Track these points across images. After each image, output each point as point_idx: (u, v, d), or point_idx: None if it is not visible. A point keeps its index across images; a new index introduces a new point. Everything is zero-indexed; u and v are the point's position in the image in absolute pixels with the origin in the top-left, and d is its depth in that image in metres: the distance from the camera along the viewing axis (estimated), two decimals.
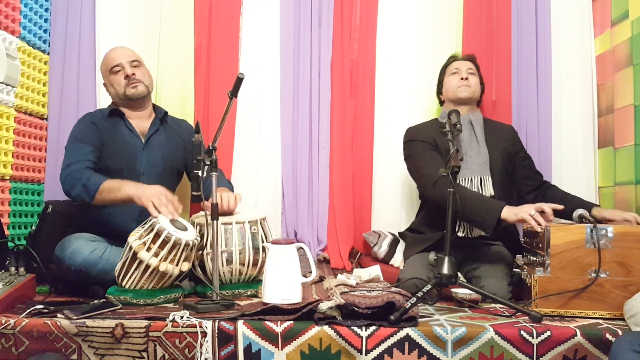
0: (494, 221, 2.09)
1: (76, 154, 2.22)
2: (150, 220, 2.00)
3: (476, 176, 2.36)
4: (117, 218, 2.25)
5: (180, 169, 2.50)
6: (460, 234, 2.31)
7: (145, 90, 2.38)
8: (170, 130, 2.48)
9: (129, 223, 2.16)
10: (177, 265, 1.98)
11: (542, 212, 2.02)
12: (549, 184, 2.50)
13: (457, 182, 1.99)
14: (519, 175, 2.48)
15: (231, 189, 2.52)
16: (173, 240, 1.94)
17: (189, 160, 2.37)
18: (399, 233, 2.67)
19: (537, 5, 2.80)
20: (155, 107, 2.49)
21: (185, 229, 2.03)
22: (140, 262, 1.93)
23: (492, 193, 2.34)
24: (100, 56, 2.71)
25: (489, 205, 2.14)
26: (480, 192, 2.33)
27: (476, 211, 2.14)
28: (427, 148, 2.41)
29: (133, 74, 2.35)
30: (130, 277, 1.96)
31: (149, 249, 1.94)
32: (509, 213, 2.07)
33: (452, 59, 2.61)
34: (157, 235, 1.94)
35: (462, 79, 2.48)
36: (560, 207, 2.06)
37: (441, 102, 2.65)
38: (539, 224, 1.97)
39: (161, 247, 1.94)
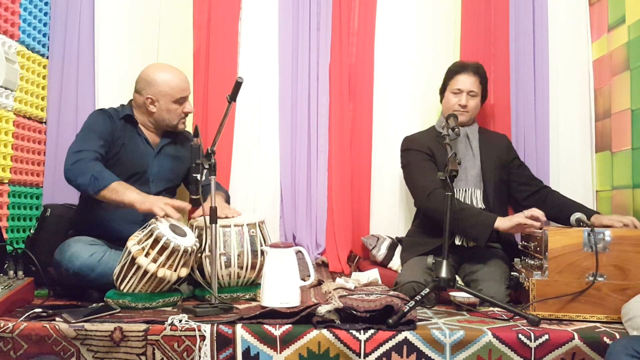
0: (487, 233, 2.12)
1: (88, 142, 2.19)
2: (149, 225, 2.00)
3: (470, 188, 2.39)
4: (119, 220, 2.24)
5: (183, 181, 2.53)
6: (457, 242, 2.32)
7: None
8: (180, 142, 2.47)
9: (132, 226, 2.15)
10: (175, 271, 1.98)
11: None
12: (549, 189, 2.49)
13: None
14: (514, 182, 2.49)
15: (227, 195, 2.53)
16: (172, 246, 1.94)
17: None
18: (397, 238, 2.67)
19: (535, 10, 2.81)
20: None
21: (184, 234, 2.03)
22: (139, 267, 1.93)
23: (483, 206, 2.36)
24: (100, 60, 2.72)
25: (483, 218, 2.17)
26: (473, 204, 2.36)
27: (470, 223, 2.17)
28: (422, 158, 2.43)
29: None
30: (128, 282, 1.96)
31: (147, 255, 1.94)
32: (503, 221, 2.11)
33: (460, 68, 2.51)
34: (156, 240, 1.94)
35: (460, 105, 2.46)
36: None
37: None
38: (537, 219, 2.00)
39: (160, 252, 1.94)
